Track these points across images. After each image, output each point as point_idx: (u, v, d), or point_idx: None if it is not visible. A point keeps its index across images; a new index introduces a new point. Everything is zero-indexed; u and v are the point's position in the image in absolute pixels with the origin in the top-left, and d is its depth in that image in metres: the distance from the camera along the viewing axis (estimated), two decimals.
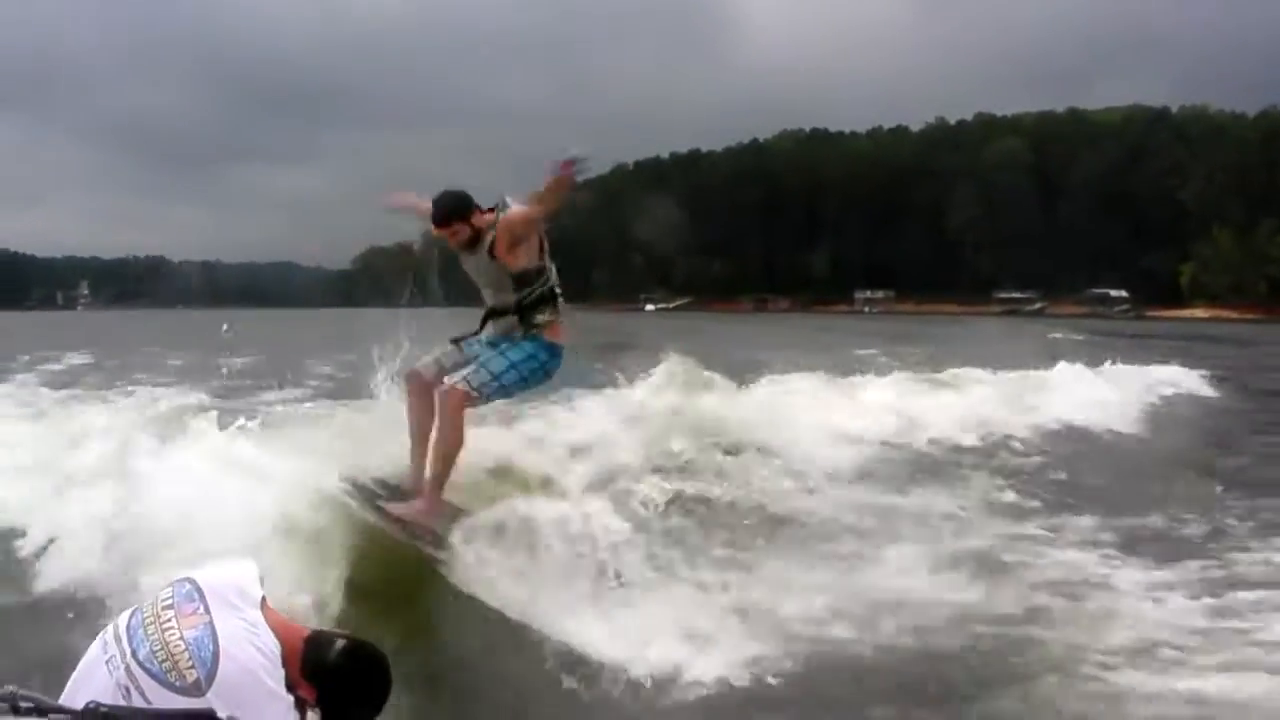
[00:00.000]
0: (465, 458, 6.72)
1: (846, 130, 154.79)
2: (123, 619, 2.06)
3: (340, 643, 2.12)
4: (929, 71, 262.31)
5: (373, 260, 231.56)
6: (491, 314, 6.62)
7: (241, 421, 6.87)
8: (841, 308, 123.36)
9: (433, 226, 6.43)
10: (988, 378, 17.51)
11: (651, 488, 8.73)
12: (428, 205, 6.59)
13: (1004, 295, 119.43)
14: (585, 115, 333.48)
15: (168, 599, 2.06)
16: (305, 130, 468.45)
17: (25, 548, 6.81)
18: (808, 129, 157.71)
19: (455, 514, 6.50)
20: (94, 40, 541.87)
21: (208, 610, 2.03)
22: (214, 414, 7.19)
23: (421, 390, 6.60)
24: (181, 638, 1.97)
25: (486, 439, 7.47)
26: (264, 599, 2.14)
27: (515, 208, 6.39)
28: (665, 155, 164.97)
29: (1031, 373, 18.33)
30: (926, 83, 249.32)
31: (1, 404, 12.55)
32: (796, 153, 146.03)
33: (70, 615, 5.46)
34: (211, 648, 1.95)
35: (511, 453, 7.97)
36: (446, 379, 6.48)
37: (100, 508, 6.21)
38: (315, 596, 5.41)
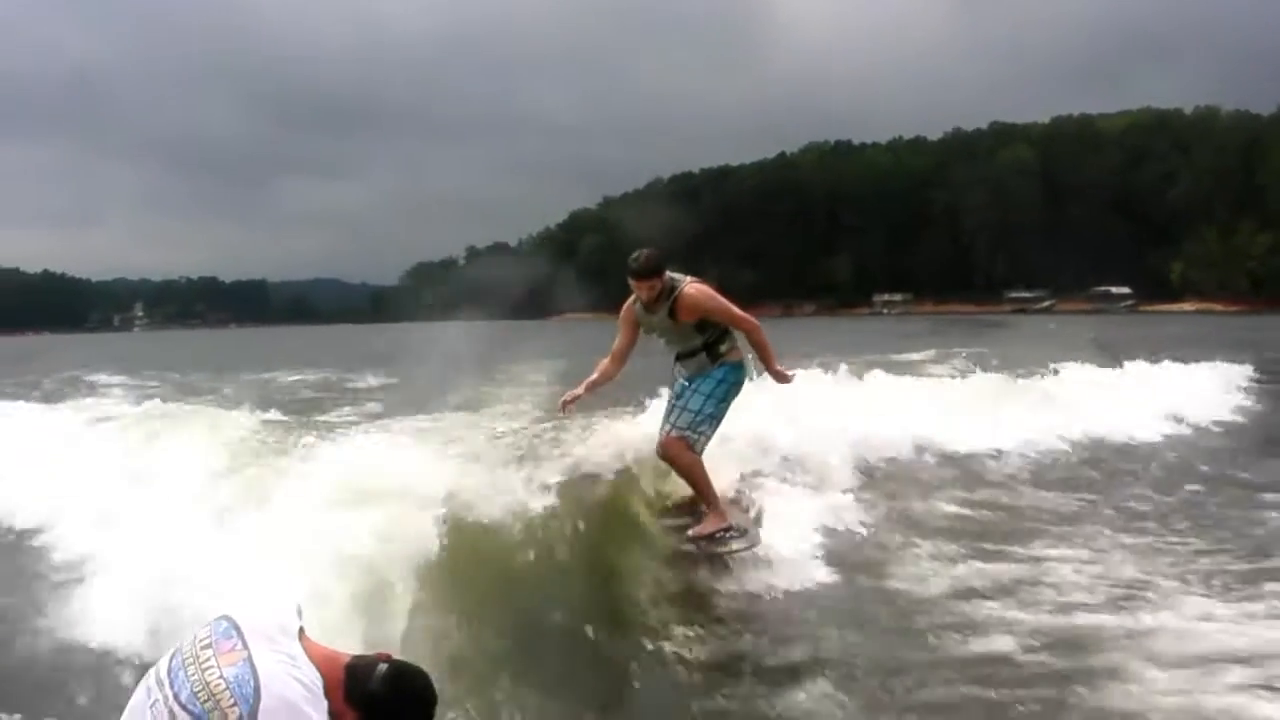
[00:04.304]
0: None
1: (869, 141, 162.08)
2: (163, 661, 2.16)
3: (382, 668, 2.16)
4: (955, 81, 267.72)
5: (420, 275, 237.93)
6: (679, 357, 7.10)
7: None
8: (863, 310, 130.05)
9: (633, 279, 6.76)
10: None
11: None
12: (592, 381, 7.19)
13: (1014, 295, 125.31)
14: (618, 128, 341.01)
15: (205, 638, 2.14)
16: (346, 145, 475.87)
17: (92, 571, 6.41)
18: (833, 141, 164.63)
19: (738, 511, 7.39)
20: (138, 62, 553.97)
21: (246, 646, 2.09)
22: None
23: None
24: (222, 676, 2.03)
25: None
26: (302, 630, 2.22)
27: (697, 289, 6.83)
28: (696, 170, 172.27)
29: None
30: (950, 92, 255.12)
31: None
32: (821, 165, 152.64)
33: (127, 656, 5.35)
34: (252, 684, 2.01)
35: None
36: (663, 430, 7.03)
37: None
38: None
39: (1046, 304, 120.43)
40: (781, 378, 7.21)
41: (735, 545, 6.91)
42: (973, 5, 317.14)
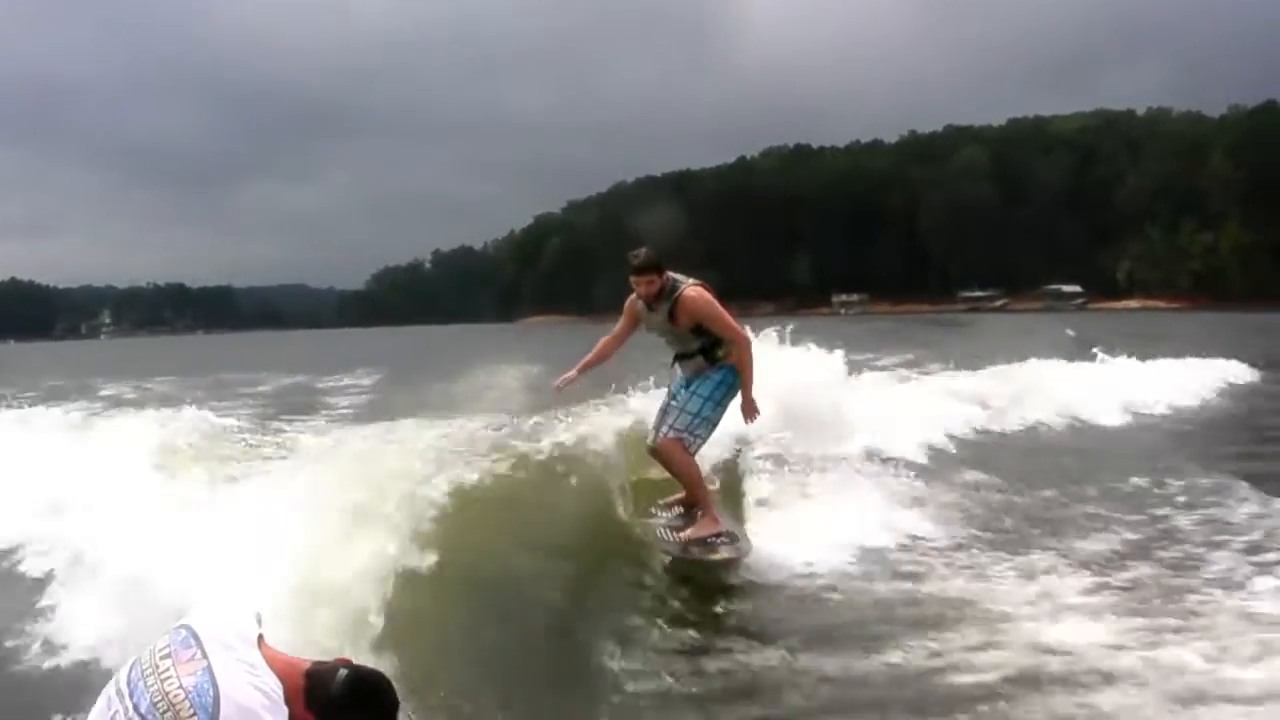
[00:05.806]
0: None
1: (827, 145, 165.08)
2: (123, 671, 2.14)
3: (342, 673, 2.16)
4: (912, 85, 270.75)
5: (386, 279, 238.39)
6: (678, 357, 7.23)
7: None
8: (822, 310, 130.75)
9: (632, 275, 6.90)
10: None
11: None
12: (585, 362, 7.44)
13: (967, 294, 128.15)
14: (586, 129, 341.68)
15: (164, 647, 2.12)
16: (312, 149, 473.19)
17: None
18: (791, 145, 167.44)
19: (729, 517, 7.47)
20: (101, 68, 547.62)
21: (205, 655, 2.07)
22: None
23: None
24: (181, 686, 2.02)
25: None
26: (261, 637, 2.21)
27: (697, 293, 6.94)
28: (659, 174, 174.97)
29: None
30: (907, 95, 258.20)
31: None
32: (780, 168, 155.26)
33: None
34: (212, 693, 2.00)
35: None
36: (659, 431, 7.13)
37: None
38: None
39: (1000, 303, 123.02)
40: (750, 409, 7.22)
41: (725, 551, 6.92)
42: (932, 9, 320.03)
